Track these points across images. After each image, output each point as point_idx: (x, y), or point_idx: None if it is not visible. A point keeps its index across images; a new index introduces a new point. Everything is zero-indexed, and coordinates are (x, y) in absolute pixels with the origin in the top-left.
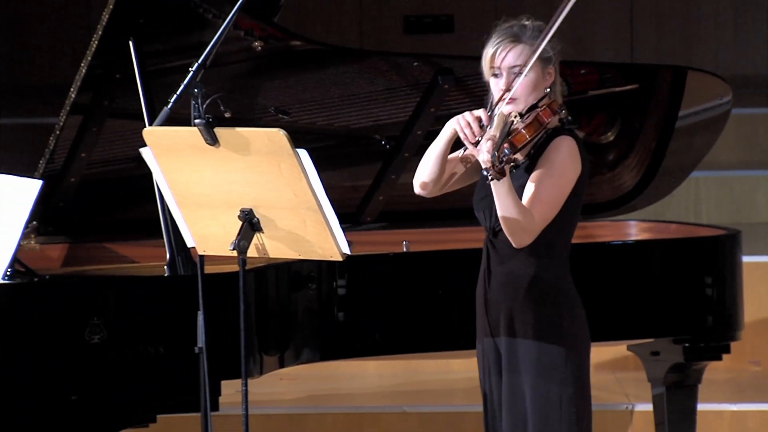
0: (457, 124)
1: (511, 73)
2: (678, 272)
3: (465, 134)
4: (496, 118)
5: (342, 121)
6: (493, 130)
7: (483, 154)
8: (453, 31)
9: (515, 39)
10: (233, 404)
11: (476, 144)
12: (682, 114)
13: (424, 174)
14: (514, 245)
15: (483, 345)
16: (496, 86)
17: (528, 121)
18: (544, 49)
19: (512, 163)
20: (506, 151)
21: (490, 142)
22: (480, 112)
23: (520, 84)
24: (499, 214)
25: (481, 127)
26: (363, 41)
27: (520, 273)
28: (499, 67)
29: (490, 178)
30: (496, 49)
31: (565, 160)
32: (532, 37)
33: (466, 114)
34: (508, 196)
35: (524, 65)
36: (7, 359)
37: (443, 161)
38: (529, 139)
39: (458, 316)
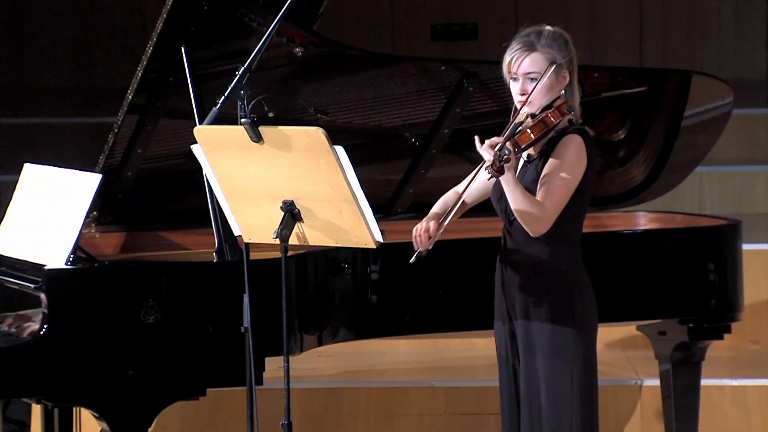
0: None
1: (527, 78)
2: (683, 259)
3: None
4: (511, 124)
5: (375, 120)
6: (503, 135)
7: (485, 153)
8: (477, 38)
9: (530, 47)
10: (276, 379)
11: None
12: (687, 114)
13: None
14: (531, 234)
15: (500, 326)
16: (514, 89)
17: (534, 122)
18: (554, 54)
19: (509, 162)
20: (506, 151)
21: (494, 141)
22: (498, 140)
23: (535, 90)
24: (512, 207)
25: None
26: (394, 47)
27: (534, 260)
28: (515, 73)
29: (489, 176)
30: (513, 57)
31: (573, 156)
32: (547, 44)
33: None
34: (515, 190)
35: (538, 72)
36: (71, 337)
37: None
38: (534, 138)
39: (480, 299)
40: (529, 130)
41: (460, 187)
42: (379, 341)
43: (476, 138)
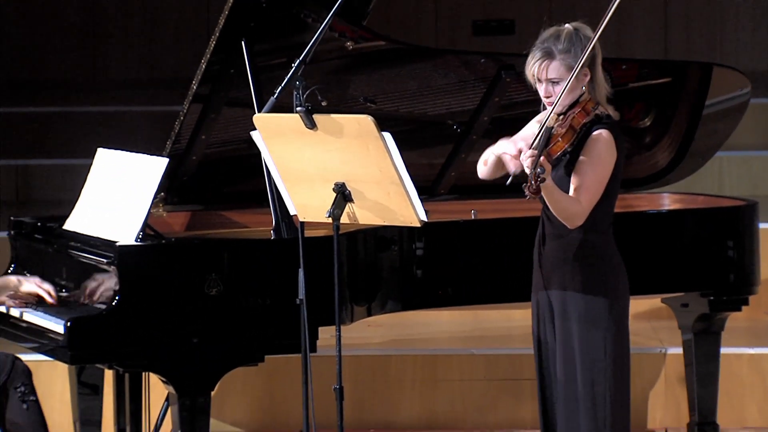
0: (503, 155)
1: (549, 82)
2: (704, 237)
3: (507, 162)
4: (542, 130)
5: (420, 108)
6: (535, 144)
7: (526, 169)
8: (514, 34)
9: (549, 56)
10: (328, 347)
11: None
12: (708, 103)
13: (482, 174)
14: (569, 227)
15: (537, 297)
16: (540, 91)
17: (563, 130)
18: (571, 60)
19: (545, 182)
20: (540, 170)
21: (530, 159)
22: (521, 143)
23: (559, 91)
24: (551, 208)
25: (520, 153)
26: (438, 41)
27: (571, 241)
28: (538, 78)
29: (527, 196)
30: (534, 66)
31: (603, 150)
32: (564, 50)
33: (510, 144)
34: (553, 195)
35: (559, 78)
36: (140, 308)
37: (496, 170)
38: (565, 147)
39: (517, 273)
40: (560, 140)
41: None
42: (423, 312)
43: (513, 144)
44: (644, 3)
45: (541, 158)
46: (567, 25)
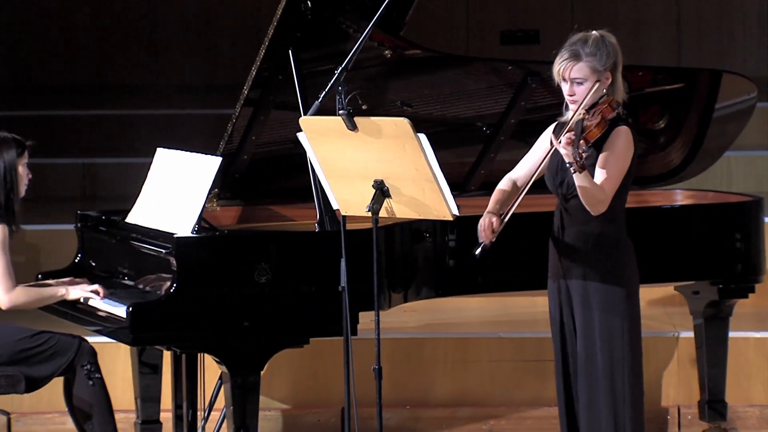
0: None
1: (574, 83)
2: (713, 230)
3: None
4: (572, 123)
5: (452, 112)
6: (571, 133)
7: (567, 156)
8: (539, 43)
9: (576, 58)
10: (368, 330)
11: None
12: (717, 107)
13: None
14: (593, 213)
15: (557, 284)
16: (564, 90)
17: (596, 120)
18: (596, 63)
19: (589, 160)
20: (584, 147)
21: (569, 141)
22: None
23: (580, 92)
24: (581, 193)
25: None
26: (468, 50)
27: (589, 230)
28: (564, 78)
29: (573, 171)
30: (561, 66)
31: (624, 145)
32: (591, 53)
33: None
34: (586, 180)
35: (584, 78)
36: (196, 295)
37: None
38: (599, 134)
39: (541, 263)
40: (595, 129)
41: (513, 174)
42: (455, 299)
43: (552, 136)
44: (659, 15)
45: (581, 142)
46: (594, 31)
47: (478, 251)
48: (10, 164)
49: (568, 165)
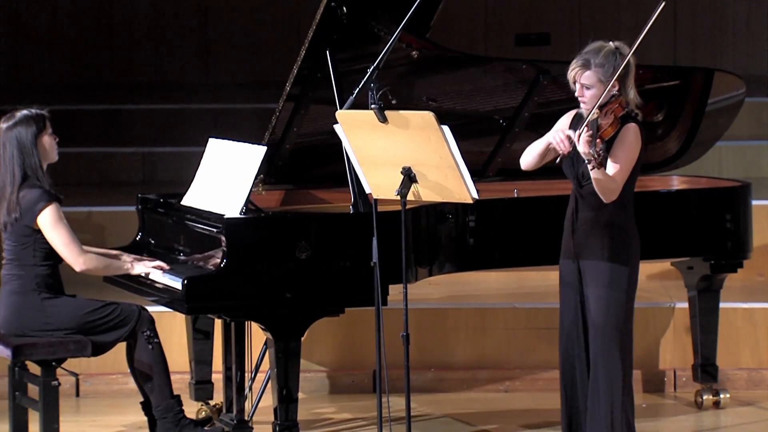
0: (553, 138)
1: (583, 87)
2: (706, 212)
3: (557, 144)
4: (588, 122)
5: (472, 106)
6: (588, 133)
7: (586, 155)
8: (550, 44)
9: (586, 66)
10: (397, 301)
11: (567, 154)
12: (710, 101)
13: (526, 165)
14: (605, 201)
15: (569, 262)
16: (576, 90)
17: (609, 120)
18: (601, 75)
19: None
20: (601, 146)
21: (587, 141)
22: (569, 132)
23: (589, 95)
24: (596, 185)
25: (569, 139)
26: (486, 50)
27: (601, 216)
28: (574, 80)
29: (591, 167)
30: (574, 71)
31: (633, 140)
32: (599, 64)
33: (560, 132)
34: (601, 174)
35: (591, 84)
36: (243, 269)
37: (540, 158)
38: (613, 132)
39: (552, 241)
40: (609, 128)
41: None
42: (475, 273)
43: (570, 134)
44: (657, 20)
45: (597, 140)
46: (611, 43)
47: (558, 160)
48: (32, 140)
49: (586, 162)
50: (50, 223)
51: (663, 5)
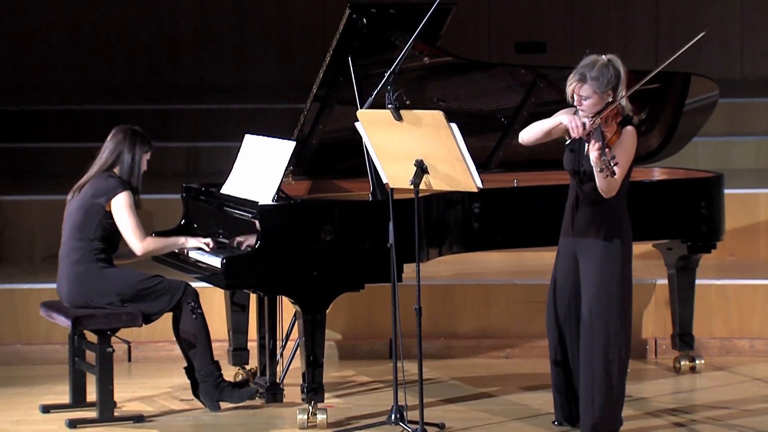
0: (570, 122)
1: (581, 98)
2: (684, 199)
3: (573, 128)
4: (595, 133)
5: (477, 106)
6: (597, 142)
7: (598, 164)
8: (546, 52)
9: (582, 80)
10: (411, 278)
11: (579, 137)
12: (687, 102)
13: (528, 139)
14: (606, 197)
15: (568, 242)
16: (575, 99)
17: (612, 128)
18: (596, 87)
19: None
20: (612, 155)
21: (598, 152)
22: (585, 119)
23: (587, 105)
24: (600, 183)
25: (584, 126)
26: (490, 57)
27: (599, 208)
28: (573, 92)
29: (605, 176)
30: (572, 84)
31: (630, 142)
32: (594, 78)
33: (577, 118)
34: (610, 179)
35: (587, 96)
36: (275, 250)
37: (545, 136)
38: (617, 139)
39: (548, 226)
40: (613, 136)
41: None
42: (479, 254)
43: (586, 122)
44: (641, 29)
45: (606, 149)
46: (604, 56)
47: (568, 142)
48: (140, 156)
49: (599, 171)
50: (121, 207)
51: (703, 34)
